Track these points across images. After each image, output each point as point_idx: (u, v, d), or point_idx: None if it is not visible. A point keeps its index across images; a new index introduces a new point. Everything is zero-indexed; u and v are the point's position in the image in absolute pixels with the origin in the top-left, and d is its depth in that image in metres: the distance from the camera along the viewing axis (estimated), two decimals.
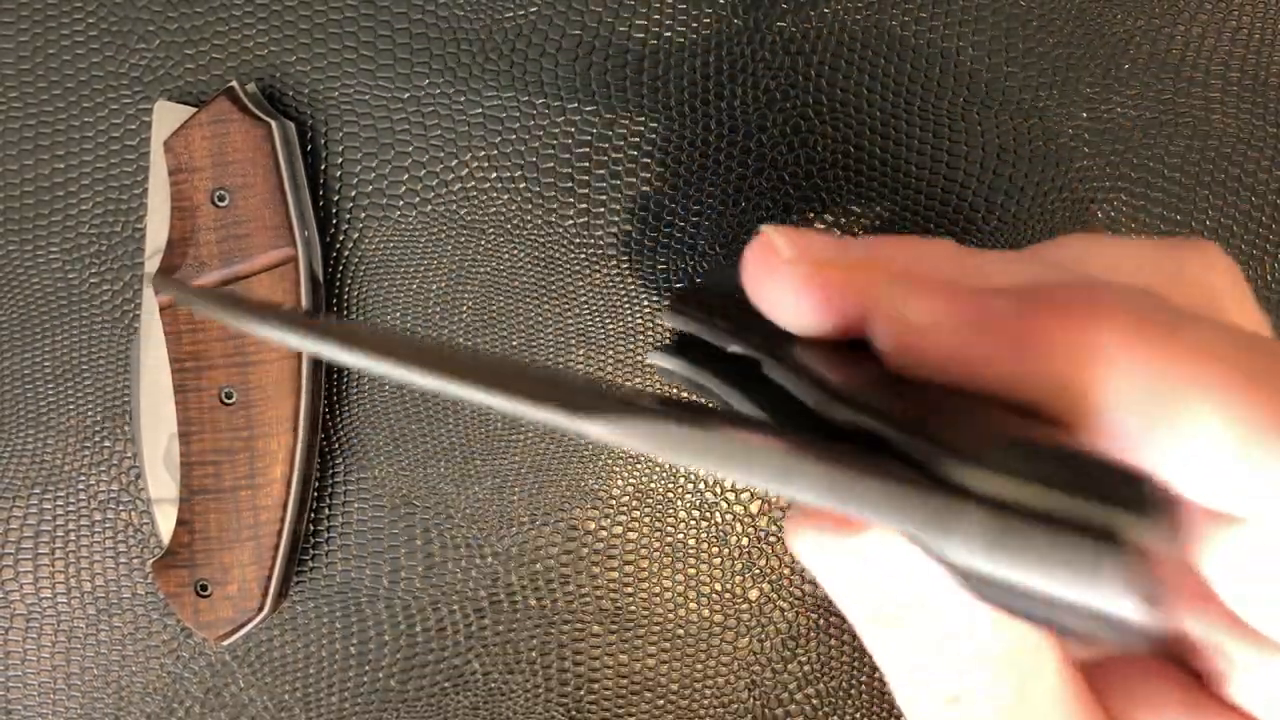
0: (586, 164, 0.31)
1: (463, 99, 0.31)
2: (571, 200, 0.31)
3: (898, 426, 0.12)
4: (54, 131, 0.31)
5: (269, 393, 0.29)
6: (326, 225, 0.31)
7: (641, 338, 0.31)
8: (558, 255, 0.31)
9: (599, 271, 0.31)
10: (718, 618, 0.31)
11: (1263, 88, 0.31)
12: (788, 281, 0.16)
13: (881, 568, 0.15)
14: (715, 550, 0.31)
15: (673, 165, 0.31)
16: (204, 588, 0.29)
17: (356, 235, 0.31)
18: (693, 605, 0.31)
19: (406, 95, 0.31)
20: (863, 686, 0.32)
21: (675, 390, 0.17)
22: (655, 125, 0.31)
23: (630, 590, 0.31)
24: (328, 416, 0.31)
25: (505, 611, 0.31)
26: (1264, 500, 0.13)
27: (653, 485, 0.31)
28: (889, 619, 0.16)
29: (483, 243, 0.31)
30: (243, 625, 0.29)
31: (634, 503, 0.31)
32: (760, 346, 0.16)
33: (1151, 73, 0.31)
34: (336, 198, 0.31)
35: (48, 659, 0.31)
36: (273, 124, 0.29)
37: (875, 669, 0.31)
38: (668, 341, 0.18)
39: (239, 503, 0.29)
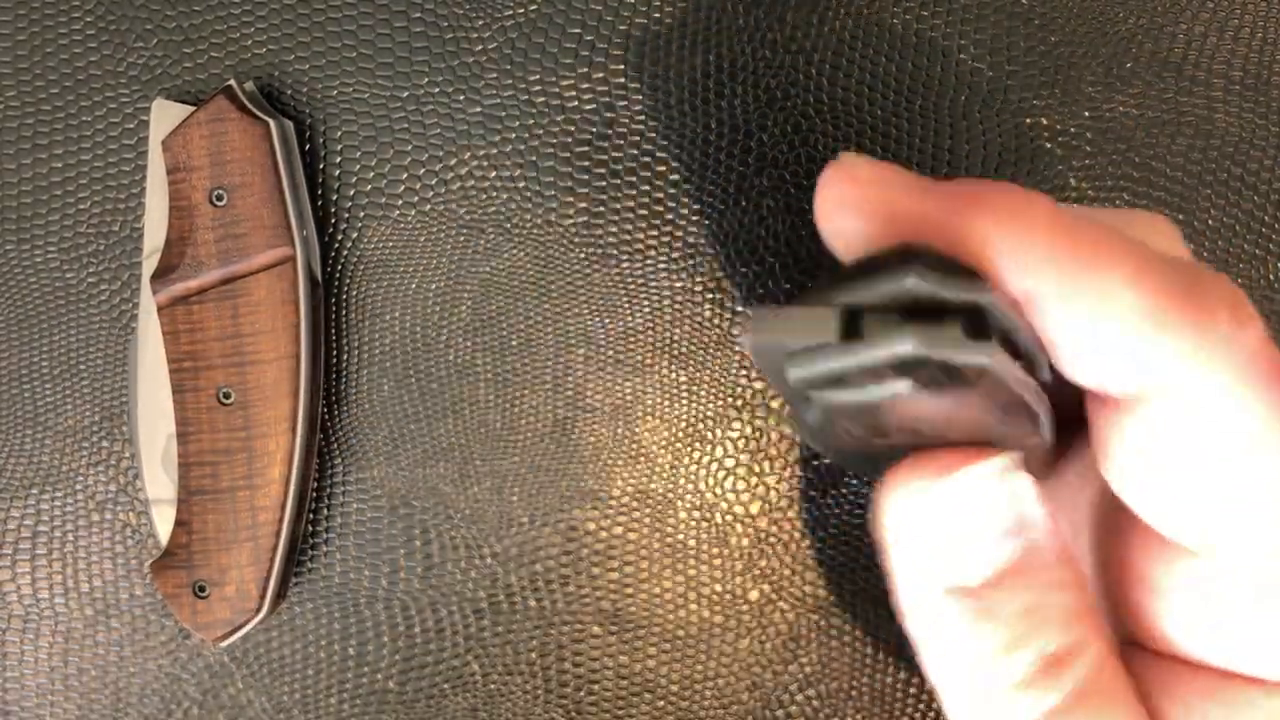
0: (586, 164, 0.31)
1: (462, 98, 0.31)
2: (571, 200, 0.31)
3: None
4: (51, 130, 0.31)
5: (267, 393, 0.29)
6: (325, 224, 0.31)
7: (642, 337, 0.31)
8: (558, 255, 0.31)
9: (599, 271, 0.31)
10: (718, 619, 0.31)
11: (1265, 87, 0.31)
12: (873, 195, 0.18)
13: (966, 513, 0.17)
14: (716, 551, 0.31)
15: (673, 165, 0.31)
16: (202, 589, 0.29)
17: (355, 235, 0.31)
18: (693, 606, 0.31)
19: (406, 94, 0.31)
20: (864, 688, 0.31)
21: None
22: (655, 125, 0.31)
23: (630, 591, 0.31)
24: (326, 417, 0.31)
25: (504, 613, 0.31)
26: (1166, 369, 0.15)
27: (653, 486, 0.31)
28: (976, 587, 0.17)
29: (482, 243, 0.31)
30: (241, 626, 0.29)
31: (634, 503, 0.31)
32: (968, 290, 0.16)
33: (1154, 72, 0.31)
34: (335, 197, 0.31)
35: (45, 660, 0.31)
36: (271, 123, 0.29)
37: (877, 671, 0.31)
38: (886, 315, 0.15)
39: (237, 503, 0.29)
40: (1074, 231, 0.15)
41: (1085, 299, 0.15)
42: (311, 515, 0.31)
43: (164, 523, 0.29)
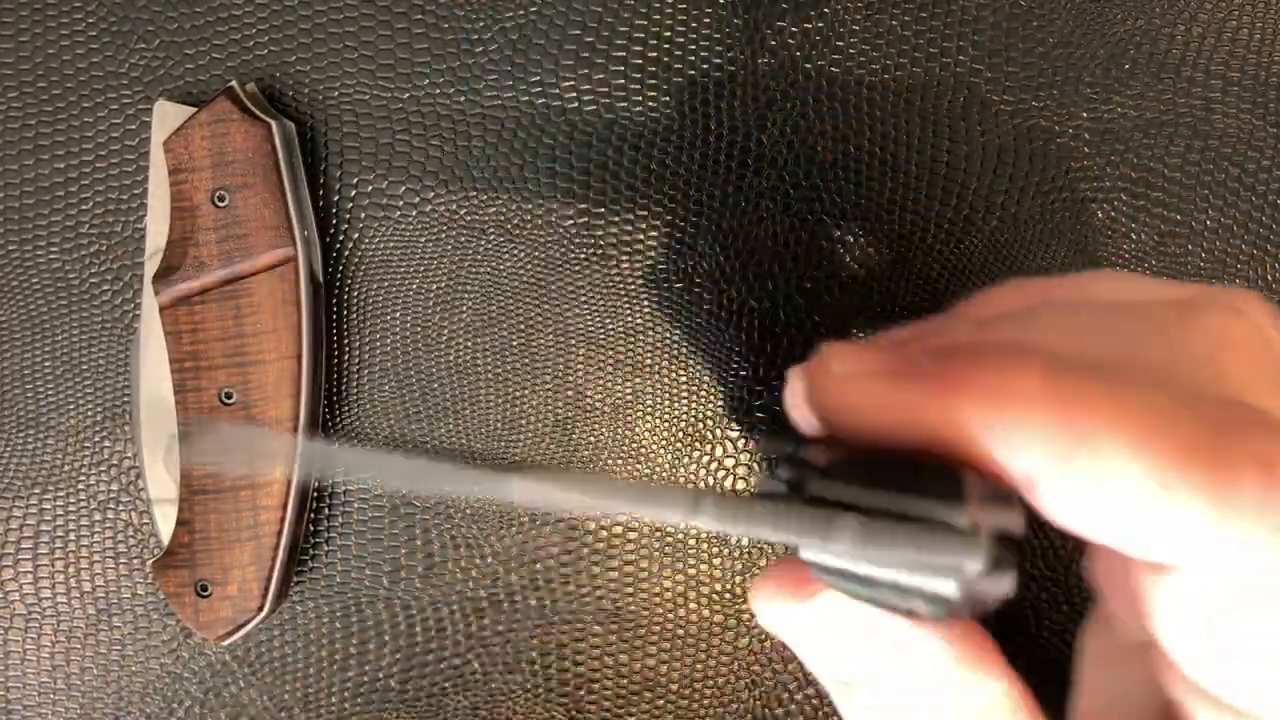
0: (586, 164, 0.31)
1: (463, 99, 0.31)
2: (571, 200, 0.31)
3: (820, 473, 0.15)
4: (54, 131, 0.31)
5: (268, 393, 0.29)
6: (326, 225, 0.31)
7: (641, 337, 0.31)
8: (558, 255, 0.31)
9: (599, 271, 0.31)
10: (718, 617, 0.31)
11: (1263, 88, 0.31)
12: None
13: (838, 630, 0.16)
14: (715, 550, 0.31)
15: (673, 165, 0.31)
16: (204, 588, 0.29)
17: (356, 235, 0.31)
18: (693, 605, 0.31)
19: (406, 95, 0.31)
20: None
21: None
22: (655, 125, 0.31)
23: (630, 590, 0.31)
24: (327, 417, 0.31)
25: (505, 611, 0.31)
26: (1188, 544, 0.13)
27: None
28: (852, 684, 0.16)
29: (482, 243, 0.31)
30: (242, 625, 0.29)
31: None
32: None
33: (1152, 73, 0.31)
34: (336, 198, 0.31)
35: (47, 659, 0.31)
36: (272, 124, 0.29)
37: None
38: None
39: (239, 503, 0.29)
40: (1068, 399, 0.14)
41: (1085, 477, 0.14)
42: (313, 515, 0.31)
43: (166, 522, 0.29)
